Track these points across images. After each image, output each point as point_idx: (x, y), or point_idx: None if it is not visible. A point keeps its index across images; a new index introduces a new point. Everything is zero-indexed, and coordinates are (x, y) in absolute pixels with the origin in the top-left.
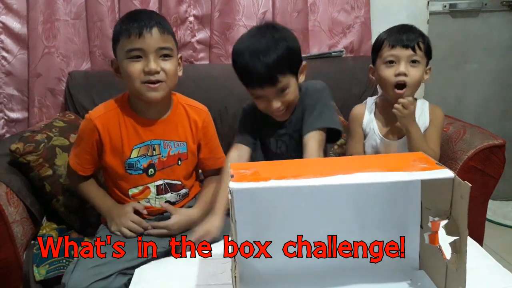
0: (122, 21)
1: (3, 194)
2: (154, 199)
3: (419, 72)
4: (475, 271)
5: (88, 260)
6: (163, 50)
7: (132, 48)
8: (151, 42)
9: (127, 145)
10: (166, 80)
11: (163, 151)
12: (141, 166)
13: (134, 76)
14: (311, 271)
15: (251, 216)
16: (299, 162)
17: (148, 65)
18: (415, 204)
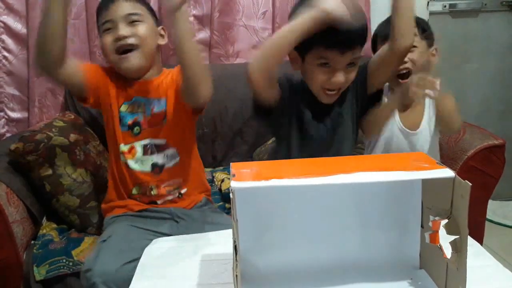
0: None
1: (3, 194)
2: (141, 160)
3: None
4: (475, 271)
5: (111, 244)
6: (132, 16)
7: (102, 22)
8: (117, 10)
9: (120, 99)
10: (140, 45)
11: (147, 109)
12: (126, 123)
13: (107, 47)
14: (312, 270)
15: (252, 215)
16: (300, 162)
17: (117, 32)
18: (415, 203)
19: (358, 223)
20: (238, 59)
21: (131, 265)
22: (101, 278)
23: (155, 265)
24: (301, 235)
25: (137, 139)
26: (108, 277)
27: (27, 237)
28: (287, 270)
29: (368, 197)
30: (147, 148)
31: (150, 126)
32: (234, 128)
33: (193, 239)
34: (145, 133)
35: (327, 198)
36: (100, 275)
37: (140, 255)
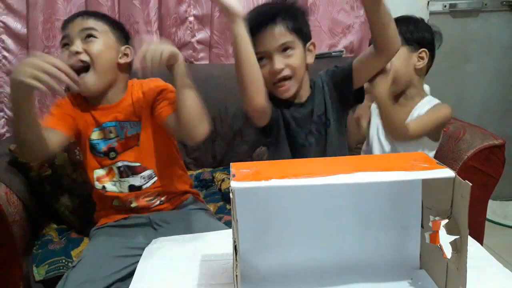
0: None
1: (3, 194)
2: (118, 181)
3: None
4: (475, 271)
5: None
6: (86, 31)
7: (61, 37)
8: (74, 26)
9: (88, 127)
10: (93, 62)
11: (120, 132)
12: (101, 149)
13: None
14: (312, 271)
15: (252, 216)
16: (300, 162)
17: (71, 48)
18: (415, 203)
19: (358, 223)
20: None
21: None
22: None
23: (155, 265)
24: (301, 235)
25: (114, 162)
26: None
27: (27, 237)
28: (287, 270)
29: (368, 197)
30: (122, 171)
31: (124, 150)
32: (234, 128)
33: (193, 239)
34: (121, 156)
35: (327, 198)
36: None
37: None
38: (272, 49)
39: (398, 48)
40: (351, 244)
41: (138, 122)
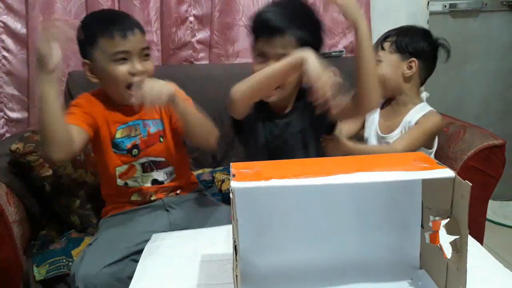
0: (97, 22)
1: (3, 194)
2: (140, 177)
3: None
4: (476, 271)
5: (95, 249)
6: (145, 50)
7: (118, 51)
8: (135, 43)
9: (113, 124)
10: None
11: (143, 130)
12: (125, 147)
13: (120, 79)
14: (312, 270)
15: (252, 216)
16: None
17: (135, 66)
18: (416, 203)
19: (358, 223)
20: (238, 59)
21: (112, 267)
22: (82, 282)
23: (155, 265)
24: (301, 235)
25: (136, 159)
26: (88, 280)
27: (27, 238)
28: (287, 270)
29: (368, 197)
30: (146, 166)
31: (148, 146)
32: None
33: (193, 238)
34: (143, 153)
35: (327, 198)
36: (81, 279)
37: (123, 255)
38: (271, 55)
39: (373, 107)
40: (351, 244)
41: (159, 119)
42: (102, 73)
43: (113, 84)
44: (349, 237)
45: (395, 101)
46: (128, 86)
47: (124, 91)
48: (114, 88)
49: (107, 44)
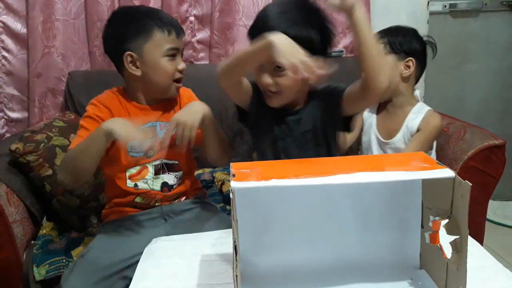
0: (153, 18)
1: (3, 194)
2: (151, 179)
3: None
4: (476, 271)
5: (85, 263)
6: (182, 51)
7: (173, 47)
8: (182, 43)
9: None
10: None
11: (159, 132)
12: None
13: (170, 74)
14: (312, 270)
15: (252, 215)
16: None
17: (181, 64)
18: (416, 203)
19: (358, 223)
20: None
21: (102, 283)
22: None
23: (155, 265)
24: (301, 235)
25: (150, 161)
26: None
27: (27, 237)
28: (287, 270)
29: (368, 197)
30: (158, 168)
31: (163, 148)
32: (234, 128)
33: (193, 239)
34: (158, 155)
35: (327, 198)
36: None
37: (111, 272)
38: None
39: (383, 86)
40: (351, 244)
41: None
42: (152, 66)
43: (162, 77)
44: (349, 237)
45: (391, 104)
46: (175, 80)
47: (171, 84)
48: (163, 81)
49: (163, 39)
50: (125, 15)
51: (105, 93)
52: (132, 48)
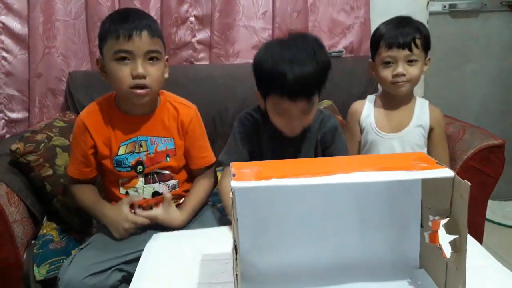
0: (111, 20)
1: (4, 194)
2: (142, 188)
3: (418, 69)
4: (475, 270)
5: (84, 255)
6: (151, 53)
7: (120, 49)
8: (140, 45)
9: (114, 142)
10: (151, 85)
11: (150, 147)
12: (129, 163)
13: (122, 79)
14: (312, 270)
15: (252, 215)
16: (300, 162)
17: (136, 69)
18: (415, 203)
19: (358, 223)
20: (238, 59)
21: (97, 277)
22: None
23: (155, 264)
24: (301, 235)
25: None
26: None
27: (28, 237)
28: (287, 270)
29: (368, 197)
30: (149, 178)
31: (153, 164)
32: None
33: (193, 237)
34: (149, 169)
35: (327, 197)
36: (65, 284)
37: (110, 265)
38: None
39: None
40: (351, 244)
41: (170, 138)
42: (108, 70)
43: (117, 84)
44: (349, 237)
45: (397, 99)
46: (132, 87)
47: (127, 90)
48: (119, 88)
49: (112, 42)
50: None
51: (94, 104)
52: (102, 53)
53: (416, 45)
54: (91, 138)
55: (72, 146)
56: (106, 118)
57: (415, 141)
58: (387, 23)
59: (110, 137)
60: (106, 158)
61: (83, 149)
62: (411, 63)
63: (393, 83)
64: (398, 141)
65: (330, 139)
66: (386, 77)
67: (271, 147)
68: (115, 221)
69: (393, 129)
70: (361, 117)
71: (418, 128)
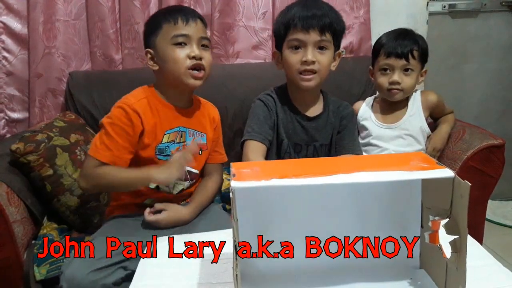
0: (164, 12)
1: (4, 194)
2: (174, 184)
3: (412, 79)
4: (475, 270)
5: (87, 253)
6: (204, 40)
7: (178, 34)
8: (196, 30)
9: (160, 130)
10: (206, 69)
11: (188, 139)
12: (169, 152)
13: (180, 61)
14: (312, 270)
15: (252, 215)
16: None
17: (193, 51)
18: (415, 203)
19: (358, 223)
20: (238, 59)
21: (100, 272)
22: (67, 283)
23: (155, 265)
24: (301, 235)
25: None
26: (73, 282)
27: (28, 237)
28: (287, 270)
29: (368, 197)
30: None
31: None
32: (234, 128)
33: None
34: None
35: (327, 198)
36: (67, 280)
37: (114, 262)
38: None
39: None
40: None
41: (203, 133)
42: (163, 57)
43: (174, 67)
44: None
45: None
46: (188, 68)
47: (185, 72)
48: (176, 71)
49: (170, 29)
50: (149, 18)
51: (134, 94)
52: (150, 46)
53: (413, 56)
54: (141, 124)
55: (112, 131)
56: (151, 106)
57: (412, 129)
58: (389, 34)
59: (156, 124)
60: (147, 146)
61: (130, 134)
62: (407, 72)
63: (388, 90)
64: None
65: (345, 124)
66: (382, 83)
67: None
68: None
69: (390, 122)
70: (358, 114)
71: (412, 117)
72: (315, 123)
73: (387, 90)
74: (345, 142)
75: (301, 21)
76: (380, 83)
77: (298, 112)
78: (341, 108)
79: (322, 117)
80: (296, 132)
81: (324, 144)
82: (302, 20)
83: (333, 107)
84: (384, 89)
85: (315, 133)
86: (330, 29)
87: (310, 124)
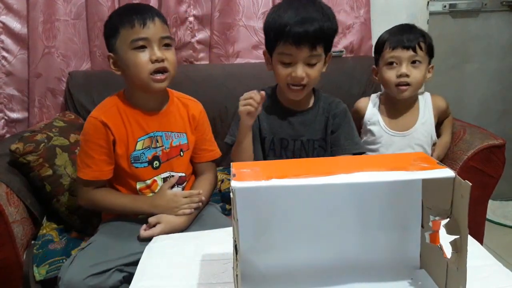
0: (120, 13)
1: (3, 194)
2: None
3: (421, 72)
4: (475, 270)
5: (85, 256)
6: (165, 40)
7: (137, 38)
8: (155, 31)
9: (131, 138)
10: (169, 69)
11: (165, 142)
12: (146, 159)
13: (141, 66)
14: (312, 270)
15: (253, 215)
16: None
17: (155, 54)
18: (416, 203)
19: (358, 223)
20: (238, 59)
21: (98, 277)
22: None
23: (155, 265)
24: (301, 235)
25: (158, 173)
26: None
27: (27, 237)
28: (287, 270)
29: (368, 197)
30: (166, 181)
31: (168, 159)
32: None
33: (193, 238)
34: (165, 166)
35: (327, 198)
36: (66, 284)
37: (111, 266)
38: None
39: None
40: (351, 244)
41: (182, 133)
42: (124, 63)
43: (137, 72)
44: (349, 237)
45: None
46: (151, 73)
47: (147, 77)
48: (138, 76)
49: (127, 33)
50: (107, 18)
51: (105, 103)
52: (111, 49)
53: (420, 47)
54: (112, 135)
55: (87, 148)
56: (122, 115)
57: (423, 139)
58: (392, 29)
59: (127, 134)
60: (121, 156)
61: (104, 146)
62: (414, 64)
63: (397, 85)
64: (407, 138)
65: (338, 122)
66: (390, 78)
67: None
68: (170, 208)
69: (400, 128)
70: (366, 114)
71: (424, 125)
72: (301, 118)
73: (395, 86)
74: (341, 142)
75: (292, 36)
76: (387, 78)
77: (284, 106)
78: (333, 105)
79: (310, 112)
80: (282, 126)
81: (311, 139)
82: (293, 36)
83: (324, 103)
84: (392, 85)
85: (301, 127)
86: (322, 41)
87: (296, 118)
